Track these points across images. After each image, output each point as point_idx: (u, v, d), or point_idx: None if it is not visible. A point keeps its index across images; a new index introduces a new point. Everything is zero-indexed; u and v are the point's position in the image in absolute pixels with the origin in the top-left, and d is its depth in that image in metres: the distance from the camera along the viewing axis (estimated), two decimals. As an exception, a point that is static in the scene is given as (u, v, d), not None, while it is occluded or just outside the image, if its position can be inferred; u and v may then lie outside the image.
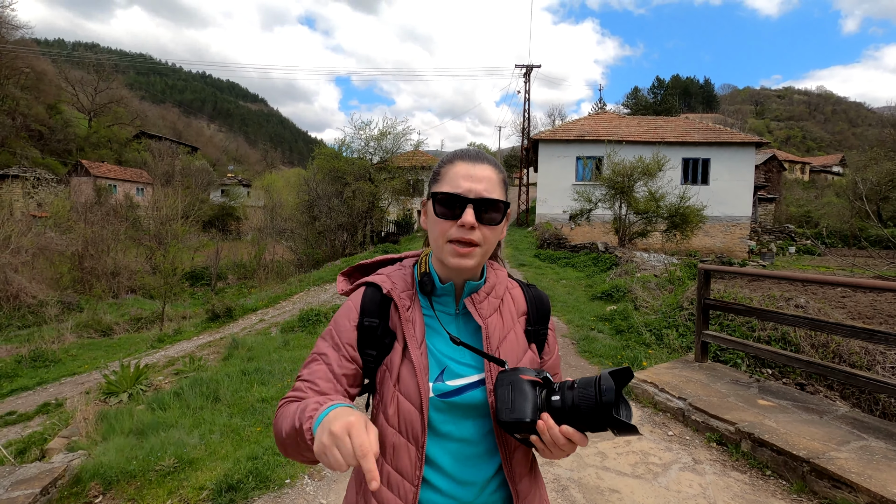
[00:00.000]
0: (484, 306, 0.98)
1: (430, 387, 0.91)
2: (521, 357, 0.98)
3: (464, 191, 0.90)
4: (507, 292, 1.04)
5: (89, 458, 3.22)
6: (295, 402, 0.89)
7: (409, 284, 1.00)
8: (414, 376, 0.91)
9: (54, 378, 9.23)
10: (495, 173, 0.94)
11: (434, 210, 0.93)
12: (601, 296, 9.14)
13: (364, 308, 0.97)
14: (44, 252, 19.11)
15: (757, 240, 24.41)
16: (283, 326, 8.59)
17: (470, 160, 0.94)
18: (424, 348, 0.93)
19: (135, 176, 40.74)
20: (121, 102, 53.71)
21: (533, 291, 1.07)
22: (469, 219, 0.88)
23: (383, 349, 0.95)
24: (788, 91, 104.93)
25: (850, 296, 11.21)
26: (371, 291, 0.99)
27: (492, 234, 0.92)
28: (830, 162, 54.83)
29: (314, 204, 21.46)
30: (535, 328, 1.03)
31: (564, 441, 0.81)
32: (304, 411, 0.79)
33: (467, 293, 0.97)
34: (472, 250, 0.90)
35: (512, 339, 0.98)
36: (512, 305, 1.03)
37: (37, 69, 43.10)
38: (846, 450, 2.95)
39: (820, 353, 5.05)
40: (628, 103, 67.64)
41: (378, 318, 0.96)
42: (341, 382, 0.94)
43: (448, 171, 0.94)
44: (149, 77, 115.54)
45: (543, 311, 1.06)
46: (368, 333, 0.96)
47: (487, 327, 0.96)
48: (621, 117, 24.84)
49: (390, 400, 0.92)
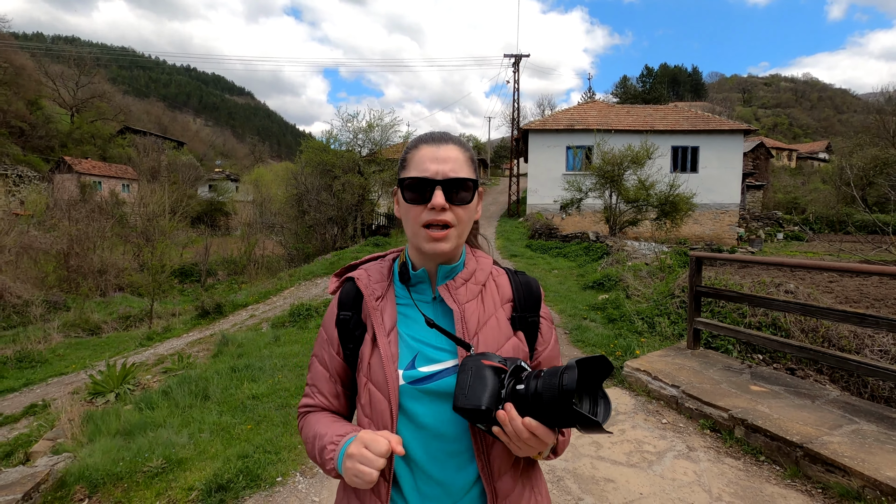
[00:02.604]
0: (461, 292, 0.96)
1: (399, 374, 0.90)
2: (502, 344, 0.93)
3: (431, 173, 0.89)
4: (490, 279, 1.01)
5: (75, 460, 3.14)
6: (310, 416, 1.00)
7: (385, 276, 1.00)
8: (382, 365, 0.90)
9: (41, 379, 9.07)
10: (461, 152, 0.93)
11: (404, 196, 0.92)
12: (593, 285, 9.15)
13: (341, 302, 1.00)
14: (28, 251, 18.76)
15: (745, 227, 24.63)
16: (273, 322, 8.50)
17: (434, 142, 0.92)
18: (394, 336, 0.92)
19: (120, 172, 40.07)
20: (103, 97, 52.56)
21: (521, 278, 1.04)
22: (439, 200, 0.87)
23: (356, 341, 0.96)
24: (775, 78, 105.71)
25: (838, 280, 11.34)
26: (348, 286, 1.02)
27: (465, 214, 0.91)
28: (817, 149, 55.42)
29: (303, 198, 21.22)
30: (522, 315, 0.99)
31: (528, 435, 0.75)
32: (323, 452, 0.89)
33: (441, 279, 0.96)
34: (446, 233, 0.89)
35: (493, 325, 0.95)
36: (496, 292, 1.00)
37: (15, 64, 41.97)
38: (839, 434, 2.96)
39: (810, 337, 5.08)
40: (617, 92, 67.55)
41: (351, 311, 0.98)
42: (337, 379, 1.00)
43: (413, 155, 0.93)
44: (132, 71, 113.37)
45: (532, 298, 1.02)
46: (344, 327, 0.98)
47: (464, 312, 0.93)
48: (611, 106, 24.81)
49: (363, 390, 0.93)
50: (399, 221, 12.76)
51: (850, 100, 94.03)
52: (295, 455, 3.24)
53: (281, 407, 4.05)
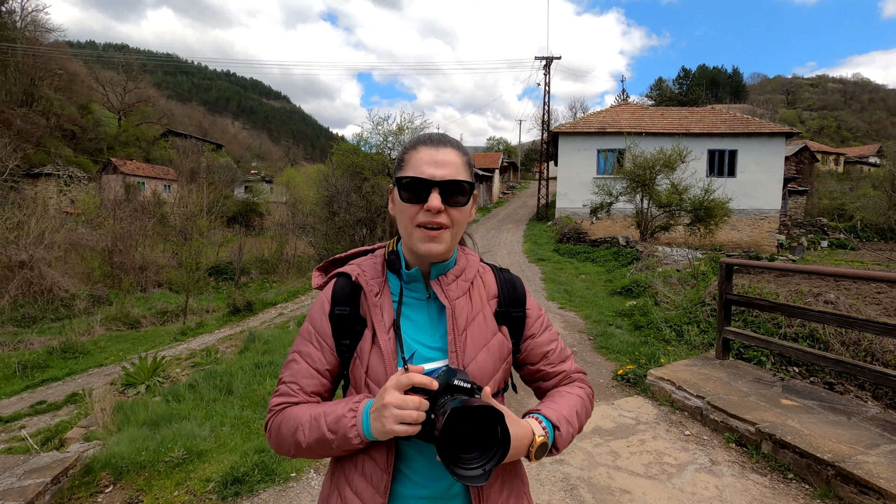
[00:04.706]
0: (452, 288, 0.98)
1: (399, 371, 0.89)
2: (489, 339, 0.97)
3: (428, 175, 0.90)
4: (477, 276, 1.04)
5: (103, 447, 3.28)
6: (293, 409, 0.93)
7: (380, 272, 1.01)
8: (382, 362, 0.91)
9: (83, 369, 9.54)
10: (458, 156, 0.94)
11: (400, 195, 0.93)
12: (621, 291, 8.95)
13: (335, 297, 0.99)
14: (76, 247, 19.77)
15: (787, 233, 23.58)
16: (299, 320, 8.67)
17: (433, 144, 0.93)
18: (393, 333, 0.93)
19: (162, 173, 41.76)
20: (149, 101, 55.04)
21: (505, 275, 1.08)
22: (435, 203, 0.88)
23: (355, 337, 0.96)
24: (822, 79, 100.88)
25: (886, 292, 10.71)
26: (342, 281, 1.01)
27: (459, 216, 0.93)
28: (867, 152, 52.56)
29: (333, 199, 21.58)
30: (507, 310, 1.03)
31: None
32: (340, 422, 0.85)
33: (434, 275, 0.98)
34: (440, 234, 0.91)
35: (480, 321, 0.98)
36: (482, 288, 1.03)
37: (69, 70, 44.46)
38: (875, 453, 2.78)
39: (851, 351, 4.81)
40: (652, 95, 65.97)
41: (348, 307, 0.97)
42: (324, 376, 0.97)
43: (412, 156, 0.94)
44: (175, 76, 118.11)
45: (515, 294, 1.05)
46: (340, 322, 0.97)
47: (454, 309, 0.96)
48: (644, 108, 24.24)
49: (362, 387, 0.93)
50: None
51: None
52: (310, 452, 3.28)
53: (300, 404, 4.12)
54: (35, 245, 16.40)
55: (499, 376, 0.98)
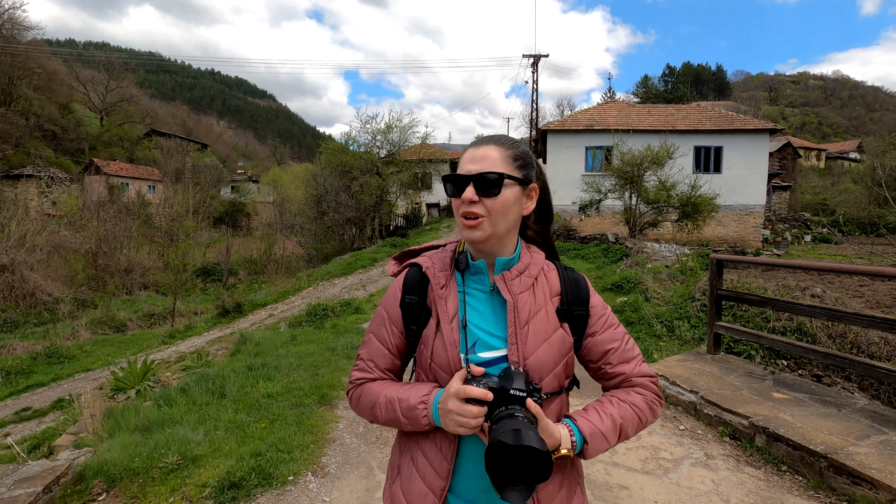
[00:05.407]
0: (515, 283, 1.03)
1: (461, 357, 0.98)
2: (550, 334, 1.02)
3: (464, 171, 0.99)
4: (542, 273, 1.08)
5: (94, 455, 3.21)
6: (370, 385, 1.07)
7: (447, 265, 1.08)
8: (445, 349, 0.99)
9: (68, 374, 9.36)
10: (499, 151, 1.00)
11: (447, 191, 1.03)
12: (611, 287, 9.01)
13: (406, 286, 1.08)
14: (58, 250, 19.37)
15: (771, 229, 23.97)
16: (290, 321, 8.60)
17: (475, 145, 1.02)
18: (456, 323, 1.01)
19: (146, 173, 41.10)
20: (131, 101, 54.12)
21: (570, 274, 1.12)
22: (467, 194, 0.96)
23: (421, 324, 1.05)
24: (803, 76, 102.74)
25: (868, 285, 10.93)
26: (413, 271, 1.10)
27: (494, 205, 0.97)
28: (847, 148, 53.62)
29: (322, 199, 21.42)
30: (569, 308, 1.06)
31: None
32: (413, 412, 0.98)
33: (498, 270, 1.03)
34: (477, 222, 0.97)
35: (542, 316, 1.02)
36: (546, 285, 1.07)
37: (48, 69, 43.51)
38: (866, 444, 2.84)
39: (837, 343, 4.90)
40: (638, 92, 66.40)
41: (416, 296, 1.07)
42: (395, 355, 1.09)
43: (461, 158, 1.04)
44: (158, 75, 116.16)
45: (578, 292, 1.08)
46: (409, 309, 1.07)
47: (516, 303, 1.01)
48: (631, 106, 24.42)
49: (427, 370, 1.03)
50: (416, 222, 13.27)
51: (882, 97, 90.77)
52: (307, 454, 3.26)
53: (295, 406, 4.08)
54: (16, 248, 16.04)
55: (559, 371, 1.02)
